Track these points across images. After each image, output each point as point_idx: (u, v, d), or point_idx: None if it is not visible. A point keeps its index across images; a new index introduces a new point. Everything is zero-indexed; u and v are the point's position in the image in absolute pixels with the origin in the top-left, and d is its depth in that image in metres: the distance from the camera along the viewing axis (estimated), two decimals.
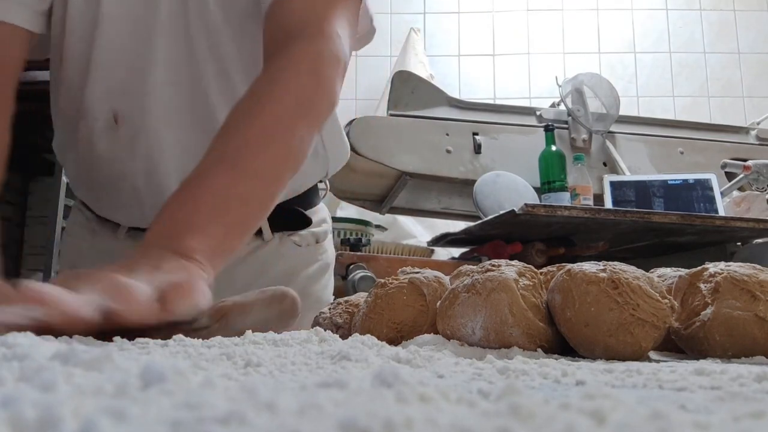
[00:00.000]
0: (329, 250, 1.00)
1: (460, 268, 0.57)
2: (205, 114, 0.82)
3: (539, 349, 0.48)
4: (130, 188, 0.83)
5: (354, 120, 1.79)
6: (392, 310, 0.56)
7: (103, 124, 0.82)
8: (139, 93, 0.80)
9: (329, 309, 0.61)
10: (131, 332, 0.40)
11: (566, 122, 2.01)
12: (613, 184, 1.84)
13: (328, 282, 1.00)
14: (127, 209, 0.86)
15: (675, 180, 1.85)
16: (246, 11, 0.80)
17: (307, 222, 0.92)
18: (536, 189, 1.79)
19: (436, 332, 0.54)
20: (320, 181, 0.97)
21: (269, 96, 0.68)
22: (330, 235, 1.02)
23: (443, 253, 2.00)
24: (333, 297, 0.99)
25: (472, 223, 1.60)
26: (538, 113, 2.04)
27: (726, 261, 0.53)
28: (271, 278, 0.88)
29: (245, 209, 0.63)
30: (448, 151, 1.86)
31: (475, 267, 0.54)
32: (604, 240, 1.55)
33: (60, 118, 0.88)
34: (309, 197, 0.94)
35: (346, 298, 0.62)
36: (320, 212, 0.98)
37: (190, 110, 0.82)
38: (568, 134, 2.00)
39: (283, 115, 0.67)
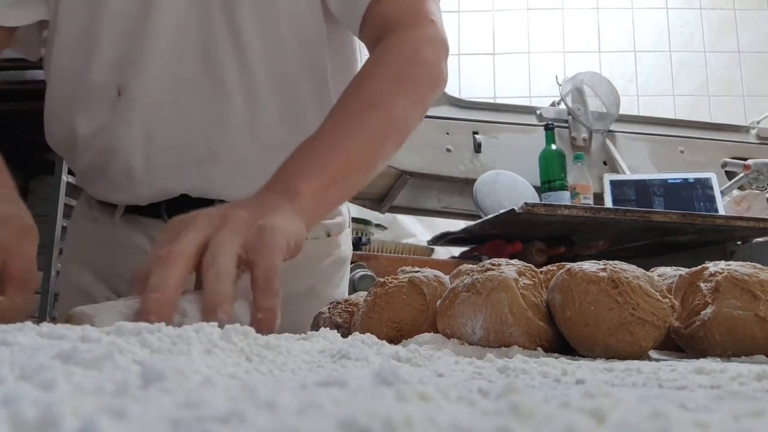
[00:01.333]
0: (344, 246, 0.95)
1: (460, 267, 0.57)
2: (213, 88, 0.79)
3: (539, 348, 0.48)
4: (123, 165, 0.81)
5: None
6: (392, 310, 0.56)
7: (105, 100, 0.81)
8: (139, 63, 0.78)
9: (329, 308, 0.61)
10: None
11: (566, 121, 2.01)
12: (613, 183, 1.84)
13: (341, 281, 0.95)
14: (121, 188, 0.84)
15: (675, 179, 1.85)
16: None
17: None
18: (536, 188, 1.79)
19: (436, 331, 0.54)
20: None
21: (371, 73, 0.73)
22: (347, 230, 0.96)
23: (443, 252, 2.00)
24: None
25: (472, 222, 1.60)
26: (538, 112, 2.04)
27: (726, 260, 0.53)
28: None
29: (347, 162, 0.67)
30: (449, 150, 1.86)
31: (475, 266, 0.54)
32: (604, 239, 1.55)
33: (56, 103, 0.85)
34: None
35: (345, 298, 0.62)
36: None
37: (194, 82, 0.80)
38: (569, 133, 2.00)
39: (384, 87, 0.71)
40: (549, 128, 1.86)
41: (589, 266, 0.48)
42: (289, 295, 0.82)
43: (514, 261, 0.53)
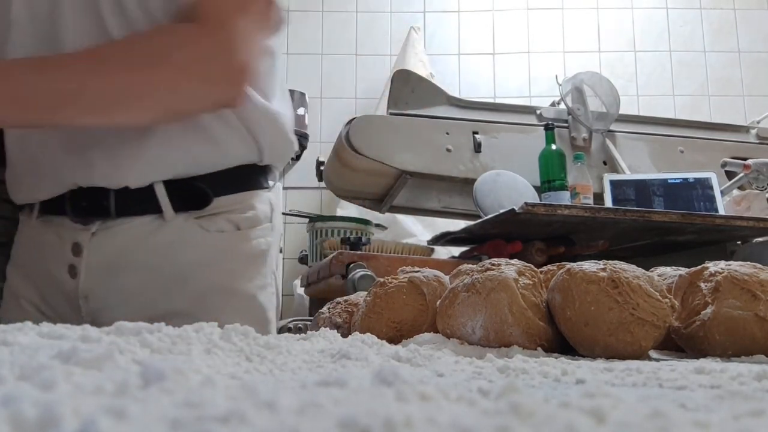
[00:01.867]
0: (258, 240, 0.89)
1: (460, 267, 0.57)
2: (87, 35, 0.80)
3: (539, 348, 0.48)
4: (26, 160, 0.85)
5: (354, 119, 1.79)
6: (392, 310, 0.56)
7: None
8: (9, 43, 0.80)
9: (328, 308, 0.61)
10: None
11: (566, 121, 2.01)
12: (613, 183, 1.84)
13: (257, 275, 0.89)
14: (27, 181, 0.87)
15: (675, 179, 1.85)
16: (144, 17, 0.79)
17: (205, 199, 0.84)
18: (536, 188, 1.79)
19: (436, 331, 0.54)
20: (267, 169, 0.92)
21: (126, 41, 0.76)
22: (268, 224, 0.91)
23: (443, 252, 2.00)
24: (274, 300, 0.91)
25: (472, 222, 1.60)
26: (538, 112, 2.04)
27: (726, 260, 0.53)
28: (180, 266, 0.83)
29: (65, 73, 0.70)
30: (448, 150, 1.86)
31: (474, 266, 0.54)
32: (604, 239, 1.55)
33: None
34: (231, 179, 0.87)
35: (345, 298, 0.62)
36: (253, 199, 0.89)
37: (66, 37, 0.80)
38: (568, 133, 2.00)
39: (118, 53, 0.73)
40: (549, 128, 1.86)
41: (589, 266, 0.48)
42: (203, 292, 0.83)
43: (514, 261, 0.53)
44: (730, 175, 1.92)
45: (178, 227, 0.84)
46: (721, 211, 1.74)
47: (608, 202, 1.81)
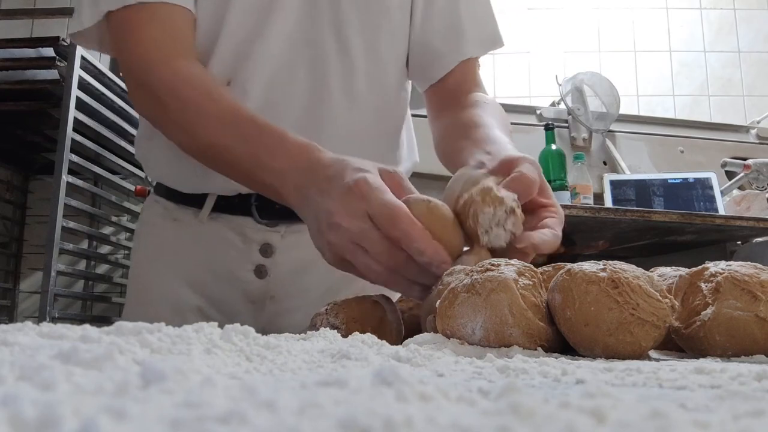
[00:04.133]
0: None
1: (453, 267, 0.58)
2: (318, 98, 0.85)
3: (539, 348, 0.48)
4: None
5: None
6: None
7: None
8: (254, 58, 0.83)
9: (325, 309, 0.61)
10: None
11: (566, 121, 2.01)
12: (613, 183, 1.84)
13: None
14: (223, 177, 0.83)
15: (675, 179, 1.85)
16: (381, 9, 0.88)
17: None
18: None
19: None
20: None
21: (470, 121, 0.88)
22: None
23: None
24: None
25: None
26: (538, 112, 2.04)
27: (726, 260, 0.53)
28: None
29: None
30: None
31: (473, 266, 0.54)
32: (604, 239, 1.55)
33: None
34: None
35: (342, 299, 0.62)
36: None
37: (301, 86, 0.85)
38: (568, 133, 2.00)
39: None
40: (549, 128, 1.86)
41: (589, 266, 0.48)
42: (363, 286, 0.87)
43: (514, 261, 0.53)
44: (730, 175, 1.92)
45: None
46: (721, 211, 1.74)
47: (608, 202, 1.81)
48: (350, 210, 0.59)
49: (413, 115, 1.06)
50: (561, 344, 0.50)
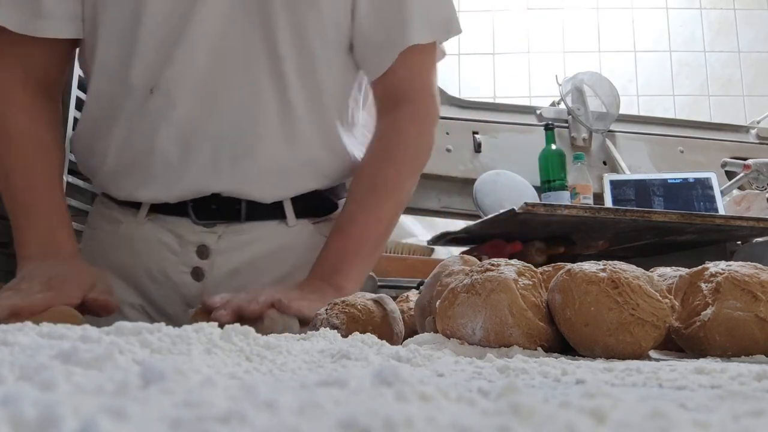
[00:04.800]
0: None
1: (444, 262, 0.59)
2: (247, 85, 0.83)
3: (539, 348, 0.48)
4: (160, 161, 0.83)
5: None
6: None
7: (140, 96, 0.82)
8: (178, 62, 0.81)
9: (326, 310, 0.61)
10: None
11: (566, 121, 2.01)
12: (613, 183, 1.84)
13: None
14: (154, 184, 0.85)
15: (675, 179, 1.85)
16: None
17: (332, 206, 0.95)
18: (536, 188, 1.79)
19: (436, 331, 0.54)
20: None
21: (390, 157, 0.88)
22: None
23: (443, 252, 1.99)
24: None
25: (472, 222, 1.60)
26: (538, 112, 2.04)
27: (726, 260, 0.53)
28: (290, 267, 0.88)
29: (374, 250, 0.86)
30: (448, 150, 1.86)
31: (457, 259, 0.55)
32: (604, 239, 1.55)
33: (95, 100, 0.87)
34: (336, 190, 0.96)
35: (342, 299, 0.62)
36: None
37: (231, 85, 0.82)
38: (568, 133, 1.99)
39: (395, 174, 0.87)
40: (549, 128, 1.86)
41: (589, 267, 0.48)
42: None
43: (513, 261, 0.53)
44: (730, 175, 1.92)
45: (297, 232, 0.90)
46: (721, 211, 1.74)
47: (608, 202, 1.80)
48: None
49: None
50: (561, 344, 0.50)
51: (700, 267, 0.53)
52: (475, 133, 1.91)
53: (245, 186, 0.85)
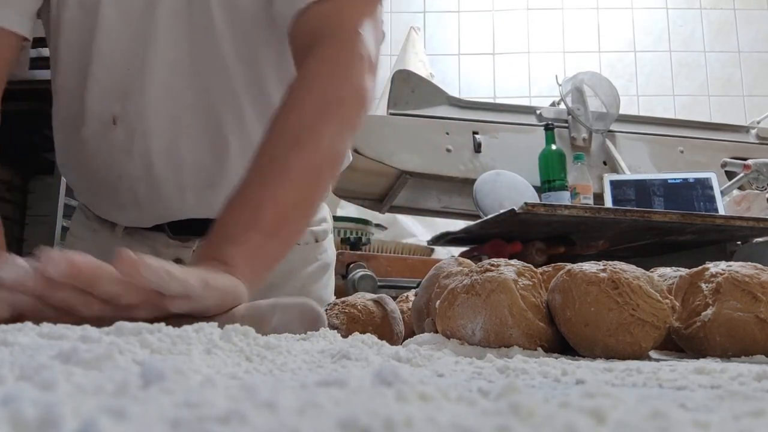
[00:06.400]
0: (329, 250, 1.00)
1: (439, 264, 0.59)
2: (206, 117, 0.82)
3: (539, 348, 0.48)
4: (127, 190, 0.84)
5: None
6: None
7: (101, 127, 0.82)
8: (136, 94, 0.80)
9: (326, 310, 0.61)
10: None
11: (566, 121, 2.01)
12: (613, 183, 1.84)
13: (329, 282, 1.00)
14: (125, 211, 0.86)
15: (675, 179, 1.85)
16: (250, 14, 0.80)
17: None
18: (536, 188, 1.79)
19: (436, 331, 0.54)
20: None
21: (294, 102, 0.69)
22: (330, 235, 1.01)
23: (443, 252, 2.00)
24: (334, 297, 0.99)
25: (472, 222, 1.60)
26: (538, 112, 2.04)
27: (726, 260, 0.53)
28: (269, 276, 0.87)
29: (279, 215, 0.64)
30: (448, 150, 1.86)
31: (453, 261, 0.55)
32: (604, 239, 1.55)
33: (60, 123, 0.88)
34: None
35: (342, 299, 0.62)
36: (320, 211, 0.97)
37: (190, 113, 0.82)
38: (568, 133, 1.99)
39: (308, 118, 0.68)
40: (549, 128, 1.86)
41: (589, 267, 0.48)
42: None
43: (513, 261, 0.53)
44: (730, 175, 1.92)
45: None
46: (721, 211, 1.74)
47: (608, 202, 1.81)
48: None
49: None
50: (561, 344, 0.50)
51: (700, 267, 0.53)
52: (475, 133, 1.91)
53: (214, 211, 0.83)
